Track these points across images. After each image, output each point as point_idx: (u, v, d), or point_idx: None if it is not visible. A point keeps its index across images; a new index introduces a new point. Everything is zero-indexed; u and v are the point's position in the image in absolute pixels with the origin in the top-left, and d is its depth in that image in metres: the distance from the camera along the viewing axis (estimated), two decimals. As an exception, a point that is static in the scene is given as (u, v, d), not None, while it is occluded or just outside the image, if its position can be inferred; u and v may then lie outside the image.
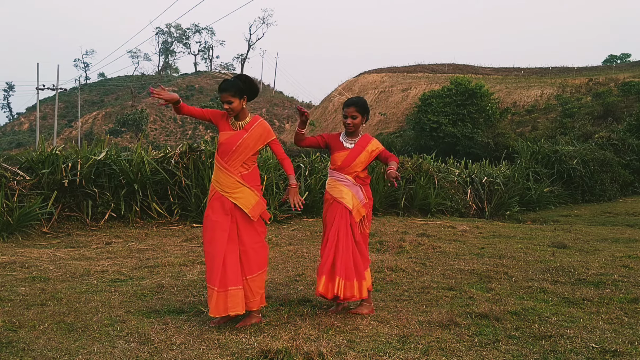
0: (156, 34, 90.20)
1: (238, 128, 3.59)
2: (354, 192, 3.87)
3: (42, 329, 3.37)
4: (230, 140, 3.55)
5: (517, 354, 3.06)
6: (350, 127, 3.87)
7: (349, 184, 3.87)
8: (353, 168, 3.87)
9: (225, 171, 3.53)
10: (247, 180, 3.55)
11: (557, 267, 5.42)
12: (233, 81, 3.54)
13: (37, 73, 47.08)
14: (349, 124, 3.86)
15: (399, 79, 56.85)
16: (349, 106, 3.87)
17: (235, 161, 3.54)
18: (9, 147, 58.44)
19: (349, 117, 3.85)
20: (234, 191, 3.52)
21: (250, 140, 3.55)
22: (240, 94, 3.52)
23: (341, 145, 3.93)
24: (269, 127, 3.65)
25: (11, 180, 7.53)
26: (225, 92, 3.50)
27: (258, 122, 3.62)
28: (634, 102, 32.58)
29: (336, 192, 3.86)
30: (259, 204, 3.58)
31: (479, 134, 31.36)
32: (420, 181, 11.36)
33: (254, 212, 3.53)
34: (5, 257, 5.61)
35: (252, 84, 3.61)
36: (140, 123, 59.09)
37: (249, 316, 3.57)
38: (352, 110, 3.85)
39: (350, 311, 3.86)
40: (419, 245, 6.83)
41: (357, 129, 3.92)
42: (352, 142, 3.92)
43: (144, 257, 5.92)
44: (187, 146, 9.03)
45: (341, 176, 3.88)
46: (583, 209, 13.64)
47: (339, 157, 3.90)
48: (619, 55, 57.72)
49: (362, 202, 3.88)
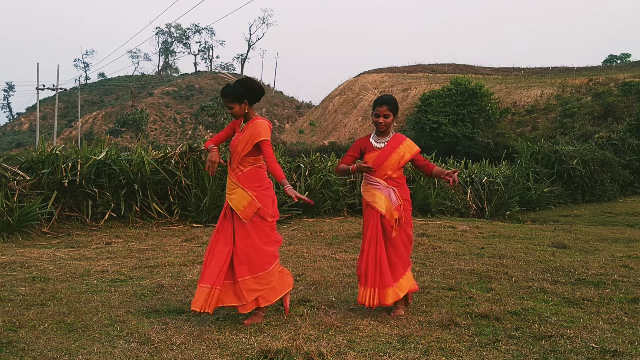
0: (156, 34, 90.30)
1: (241, 130, 3.64)
2: (386, 195, 3.76)
3: (42, 329, 3.37)
4: (232, 142, 3.65)
5: (517, 354, 3.06)
6: (382, 126, 3.75)
7: (381, 187, 3.77)
8: (384, 170, 3.76)
9: (229, 173, 3.64)
10: (242, 182, 3.55)
11: (557, 267, 5.42)
12: (233, 87, 3.56)
13: (37, 73, 47.09)
14: (380, 123, 3.74)
15: (399, 79, 56.84)
16: (381, 105, 3.75)
17: (233, 162, 3.59)
18: (9, 147, 58.48)
19: (381, 116, 3.73)
20: (230, 192, 3.58)
21: (242, 141, 3.55)
22: (239, 99, 3.53)
23: (371, 146, 3.83)
24: (262, 128, 3.56)
25: (11, 180, 7.53)
26: (225, 99, 3.56)
27: (252, 123, 3.60)
28: (634, 102, 32.58)
29: (369, 196, 3.80)
30: (252, 204, 3.53)
31: (479, 134, 31.37)
32: (420, 181, 11.36)
33: (244, 214, 3.52)
34: (5, 257, 5.61)
35: (252, 87, 3.58)
36: (140, 123, 59.06)
37: (254, 314, 3.60)
38: (384, 110, 3.73)
39: (392, 314, 3.80)
40: (419, 245, 6.83)
41: (389, 128, 3.82)
42: (382, 142, 3.82)
43: (144, 257, 5.92)
44: (187, 146, 9.03)
45: (373, 179, 3.79)
46: (583, 209, 13.63)
47: (369, 159, 3.79)
48: (619, 55, 57.72)
49: (394, 205, 3.76)
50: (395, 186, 3.81)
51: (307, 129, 59.47)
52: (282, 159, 10.32)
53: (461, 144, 31.44)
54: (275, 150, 10.64)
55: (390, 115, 3.75)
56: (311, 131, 58.04)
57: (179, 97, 77.21)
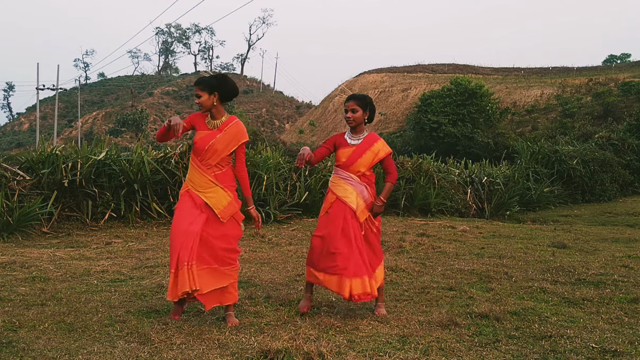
0: (156, 34, 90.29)
1: (213, 127, 3.57)
2: (358, 191, 3.80)
3: (42, 329, 3.37)
4: (204, 139, 3.53)
5: (517, 354, 3.06)
6: (351, 120, 3.85)
7: (354, 183, 3.81)
8: (357, 167, 3.82)
9: (199, 170, 3.53)
10: (221, 181, 3.53)
11: (557, 267, 5.42)
12: (206, 77, 3.57)
13: (37, 73, 47.15)
14: (349, 117, 3.86)
15: (399, 79, 56.83)
16: (348, 100, 3.90)
17: (208, 160, 3.52)
18: (9, 147, 58.43)
19: (349, 110, 3.85)
20: (207, 190, 3.51)
21: (223, 140, 3.53)
22: (210, 89, 3.51)
23: (346, 143, 3.89)
24: (244, 128, 3.63)
25: (11, 180, 7.52)
26: (197, 86, 3.54)
27: (233, 122, 3.60)
28: (634, 102, 32.57)
29: (340, 191, 3.80)
30: (231, 205, 3.54)
31: (479, 134, 31.34)
32: (420, 181, 11.36)
33: (224, 214, 3.51)
34: (5, 257, 5.61)
35: (227, 83, 3.58)
36: (140, 123, 59.07)
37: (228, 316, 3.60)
38: (351, 104, 3.84)
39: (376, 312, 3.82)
40: (419, 245, 6.83)
41: (360, 124, 3.88)
42: (357, 139, 3.88)
43: (144, 257, 5.92)
44: (187, 146, 9.03)
45: (346, 174, 3.83)
46: (583, 209, 13.63)
47: (343, 154, 3.85)
48: (619, 55, 57.66)
49: (366, 202, 3.82)
50: (367, 184, 3.87)
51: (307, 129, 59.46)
52: (282, 159, 10.30)
53: (461, 144, 31.42)
54: (275, 150, 10.63)
55: (358, 110, 3.83)
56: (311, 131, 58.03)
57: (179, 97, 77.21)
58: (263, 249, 6.56)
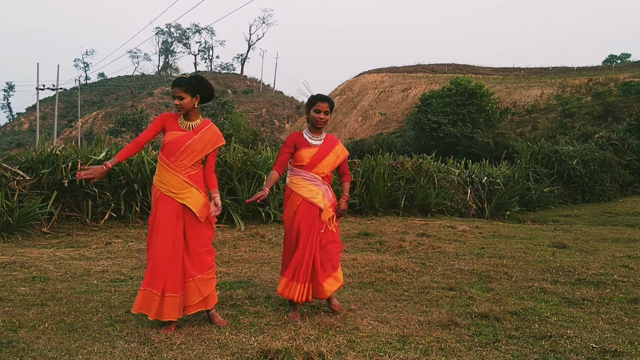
0: (156, 34, 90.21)
1: (187, 128, 3.54)
2: (323, 191, 3.84)
3: (42, 329, 3.37)
4: (178, 140, 3.49)
5: (517, 354, 3.06)
6: (322, 122, 3.83)
7: (319, 184, 3.83)
8: (321, 168, 3.82)
9: (172, 171, 3.47)
10: (195, 181, 3.52)
11: (557, 267, 5.42)
12: (188, 79, 3.54)
13: (37, 73, 47.15)
14: (322, 118, 3.82)
15: (399, 79, 56.83)
16: (323, 101, 3.83)
17: (183, 162, 3.48)
18: (9, 147, 58.42)
19: (322, 112, 3.81)
20: (181, 191, 3.47)
21: (199, 142, 3.52)
22: (193, 92, 3.50)
23: (307, 142, 3.85)
24: (220, 133, 3.64)
25: (11, 180, 7.52)
26: (179, 87, 3.48)
27: (209, 126, 3.60)
28: (634, 102, 32.56)
29: (306, 192, 3.78)
30: (207, 204, 3.54)
31: (479, 134, 31.32)
32: (420, 181, 11.36)
33: (202, 213, 3.51)
34: (5, 257, 5.61)
35: (207, 86, 3.58)
36: (140, 123, 59.04)
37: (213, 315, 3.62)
38: (326, 106, 3.82)
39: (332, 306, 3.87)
40: (419, 245, 6.83)
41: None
42: (318, 140, 3.87)
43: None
44: (187, 146, 9.02)
45: (310, 175, 3.81)
46: (583, 209, 13.64)
47: (306, 154, 3.81)
48: (619, 55, 57.65)
49: (330, 202, 3.86)
50: (329, 184, 3.90)
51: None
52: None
53: (461, 144, 31.40)
54: (275, 150, 10.65)
55: (329, 112, 3.84)
56: (311, 131, 57.95)
57: (179, 97, 77.01)
58: (263, 249, 6.56)
